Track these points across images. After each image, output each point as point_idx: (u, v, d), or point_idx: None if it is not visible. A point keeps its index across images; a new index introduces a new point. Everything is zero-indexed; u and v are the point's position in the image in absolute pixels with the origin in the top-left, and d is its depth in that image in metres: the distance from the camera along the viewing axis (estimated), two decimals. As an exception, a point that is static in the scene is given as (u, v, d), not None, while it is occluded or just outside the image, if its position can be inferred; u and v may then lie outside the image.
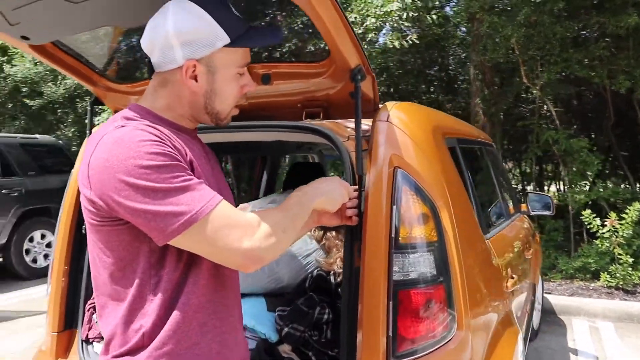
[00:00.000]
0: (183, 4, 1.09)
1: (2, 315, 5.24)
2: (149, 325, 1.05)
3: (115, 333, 1.09)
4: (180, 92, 1.14)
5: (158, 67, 1.14)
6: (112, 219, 1.03)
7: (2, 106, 11.49)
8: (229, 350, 1.16)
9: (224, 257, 1.03)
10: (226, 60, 1.14)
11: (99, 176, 1.00)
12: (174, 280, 1.06)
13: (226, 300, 1.17)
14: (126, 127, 1.04)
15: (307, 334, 1.67)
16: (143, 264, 1.05)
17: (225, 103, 1.19)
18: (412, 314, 1.44)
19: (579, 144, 6.26)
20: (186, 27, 1.07)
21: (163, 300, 1.05)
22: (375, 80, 1.62)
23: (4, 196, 6.53)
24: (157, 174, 0.97)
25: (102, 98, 2.04)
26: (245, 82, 1.22)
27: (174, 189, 0.98)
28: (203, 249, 1.03)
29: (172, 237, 0.99)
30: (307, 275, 1.88)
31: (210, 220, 0.99)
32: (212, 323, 1.12)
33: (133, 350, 1.07)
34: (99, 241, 1.08)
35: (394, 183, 1.48)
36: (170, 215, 0.97)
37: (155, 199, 0.97)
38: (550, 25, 5.82)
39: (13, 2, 1.30)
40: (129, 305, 1.07)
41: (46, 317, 2.12)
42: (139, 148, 0.98)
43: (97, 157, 1.01)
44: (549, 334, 4.55)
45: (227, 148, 3.12)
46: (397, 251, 1.44)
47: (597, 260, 5.79)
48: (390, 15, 5.68)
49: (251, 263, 1.03)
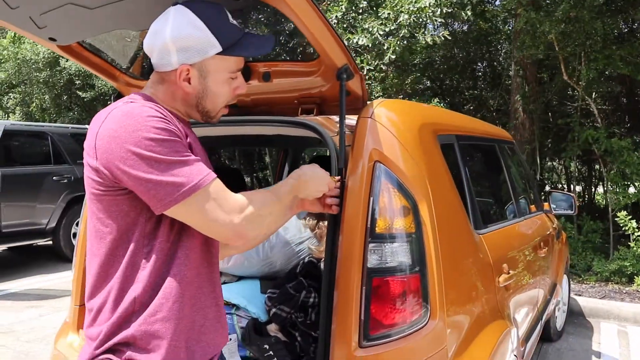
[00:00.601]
0: (182, 12, 1.19)
1: (49, 294, 5.64)
2: (139, 291, 1.14)
3: (106, 301, 1.17)
4: (174, 90, 1.26)
5: (156, 67, 1.26)
6: (114, 189, 1.13)
7: (58, 98, 12.19)
8: (211, 324, 1.26)
9: (214, 229, 1.14)
10: (218, 66, 1.24)
11: (106, 146, 1.09)
12: (165, 250, 1.16)
13: (211, 275, 1.27)
14: (135, 103, 1.16)
15: (293, 315, 1.79)
16: (137, 234, 1.15)
17: (215, 103, 1.30)
18: (386, 300, 1.52)
19: (620, 144, 6.06)
20: (182, 35, 1.17)
21: (154, 269, 1.15)
22: (363, 79, 1.70)
23: (55, 183, 6.97)
24: (162, 147, 1.08)
25: (125, 93, 2.21)
26: (237, 84, 1.32)
27: (176, 161, 1.09)
28: (196, 220, 1.13)
29: (170, 206, 1.09)
30: (299, 261, 1.99)
31: (206, 194, 1.11)
32: (199, 297, 1.22)
33: (124, 317, 1.15)
34: (99, 211, 1.17)
35: (373, 176, 1.57)
36: (171, 185, 1.08)
37: (158, 169, 1.08)
38: (590, 21, 5.65)
39: (39, 8, 1.48)
40: (122, 273, 1.15)
41: (71, 293, 2.32)
42: (147, 122, 1.09)
43: (106, 127, 1.11)
44: (574, 335, 4.48)
45: (248, 140, 3.27)
46: (373, 240, 1.53)
47: (635, 263, 5.62)
48: (424, 11, 5.68)
49: (237, 237, 1.14)
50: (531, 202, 3.55)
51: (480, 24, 9.05)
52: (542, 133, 8.74)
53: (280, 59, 1.92)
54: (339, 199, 1.55)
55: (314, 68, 1.74)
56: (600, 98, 8.63)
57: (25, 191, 6.66)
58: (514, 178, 3.11)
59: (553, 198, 3.88)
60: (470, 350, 1.71)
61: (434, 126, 1.91)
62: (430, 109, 2.07)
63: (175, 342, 1.16)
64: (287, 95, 1.89)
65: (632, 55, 6.12)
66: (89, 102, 11.70)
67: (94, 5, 1.49)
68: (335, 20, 6.04)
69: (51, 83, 11.73)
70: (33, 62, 11.34)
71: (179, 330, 1.17)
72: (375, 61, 6.04)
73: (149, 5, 1.45)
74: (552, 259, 3.60)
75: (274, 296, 1.83)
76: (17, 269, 6.88)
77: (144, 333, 1.14)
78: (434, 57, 9.96)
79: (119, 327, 1.15)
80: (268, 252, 1.99)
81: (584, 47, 6.14)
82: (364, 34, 5.73)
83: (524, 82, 7.79)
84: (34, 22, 1.58)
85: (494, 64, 10.63)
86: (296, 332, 1.79)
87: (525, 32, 6.45)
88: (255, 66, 1.89)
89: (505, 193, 2.88)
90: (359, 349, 1.49)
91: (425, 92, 10.30)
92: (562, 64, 6.47)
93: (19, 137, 6.93)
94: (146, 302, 1.15)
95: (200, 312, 1.23)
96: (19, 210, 6.56)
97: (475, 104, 10.88)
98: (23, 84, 12.29)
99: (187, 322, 1.19)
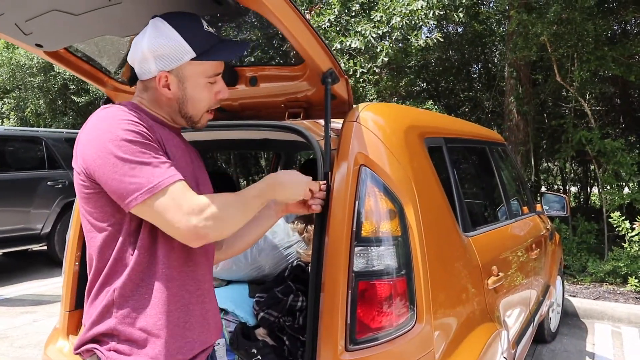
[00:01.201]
0: (158, 25, 1.27)
1: (44, 299, 5.62)
2: (119, 283, 1.20)
3: (97, 295, 1.24)
4: (158, 97, 1.33)
5: (139, 76, 1.34)
6: (97, 190, 1.19)
7: (52, 103, 12.17)
8: (196, 320, 1.29)
9: (172, 230, 1.16)
10: (194, 71, 1.31)
11: (84, 149, 1.17)
12: (147, 248, 1.21)
13: (194, 274, 1.31)
14: (110, 107, 1.23)
15: (281, 319, 1.79)
16: (124, 232, 1.21)
17: (197, 108, 1.36)
18: (373, 304, 1.52)
19: (613, 145, 6.08)
20: (157, 44, 1.26)
21: (136, 264, 1.20)
22: (348, 83, 1.71)
23: (50, 188, 6.96)
24: (128, 147, 1.14)
25: (113, 98, 2.22)
26: (218, 89, 1.38)
27: (141, 162, 1.14)
28: (157, 221, 1.17)
29: (132, 205, 1.14)
30: (287, 265, 1.99)
31: (165, 195, 1.14)
32: (182, 295, 1.26)
33: (105, 306, 1.21)
34: (88, 213, 1.24)
35: (359, 180, 1.57)
36: (133, 185, 1.13)
37: (123, 169, 1.13)
38: (581, 22, 5.68)
39: (24, 15, 1.48)
40: (109, 268, 1.22)
41: (61, 298, 2.32)
42: (118, 124, 1.16)
43: (84, 132, 1.20)
44: (568, 336, 4.49)
45: (239, 144, 3.27)
46: (359, 244, 1.53)
47: (629, 264, 5.63)
48: (416, 14, 5.70)
49: (195, 238, 1.16)
50: (523, 203, 3.56)
51: (475, 25, 9.08)
52: (537, 134, 8.76)
53: (267, 64, 1.93)
54: (324, 202, 1.56)
55: (300, 72, 1.75)
56: (594, 99, 8.67)
57: (19, 196, 6.64)
58: (505, 180, 3.12)
59: (545, 199, 3.89)
60: (458, 352, 1.71)
61: (420, 129, 1.92)
62: (417, 112, 2.08)
63: (157, 336, 1.21)
64: (274, 99, 1.90)
65: (623, 56, 6.15)
66: (84, 106, 11.68)
67: (79, 11, 1.50)
68: (327, 23, 6.05)
69: (45, 88, 11.71)
70: (27, 67, 11.33)
71: (160, 325, 1.21)
72: (369, 64, 6.05)
73: (133, 12, 1.47)
74: (545, 260, 3.61)
75: (262, 300, 1.83)
76: (12, 274, 6.86)
77: (127, 325, 1.20)
78: (428, 60, 9.98)
79: (102, 316, 1.22)
80: (256, 256, 1.99)
81: (576, 49, 6.17)
82: (356, 36, 5.75)
83: (517, 83, 7.81)
84: (19, 28, 1.59)
85: (489, 66, 10.66)
86: (284, 336, 1.79)
87: (518, 34, 6.48)
88: (243, 71, 1.90)
89: (496, 195, 2.88)
90: (345, 352, 1.49)
91: (420, 95, 10.32)
92: (555, 65, 6.50)
93: (14, 143, 6.92)
94: (126, 295, 1.21)
95: (184, 309, 1.27)
96: (13, 216, 6.54)
97: (471, 105, 10.91)
98: (17, 89, 12.26)
99: (170, 319, 1.23)
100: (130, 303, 1.21)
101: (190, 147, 1.45)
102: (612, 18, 6.27)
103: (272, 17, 1.36)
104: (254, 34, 1.85)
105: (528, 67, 7.87)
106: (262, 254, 1.98)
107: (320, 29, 5.98)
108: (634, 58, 6.36)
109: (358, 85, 6.58)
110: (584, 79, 6.31)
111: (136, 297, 1.21)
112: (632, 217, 5.87)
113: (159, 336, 1.21)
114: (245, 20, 1.97)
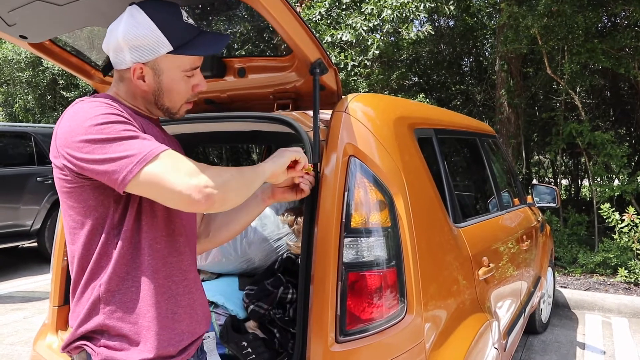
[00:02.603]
0: (135, 13, 1.23)
1: (34, 296, 5.58)
2: (105, 278, 1.18)
3: (83, 291, 1.22)
4: (133, 88, 1.30)
5: (114, 65, 1.30)
6: (79, 184, 1.16)
7: (41, 98, 12.05)
8: (184, 311, 1.29)
9: (173, 195, 1.09)
10: (171, 64, 1.26)
11: (63, 142, 1.13)
12: (131, 239, 1.19)
13: (181, 264, 1.29)
14: (85, 100, 1.20)
15: (272, 312, 1.78)
16: (108, 226, 1.19)
17: (173, 100, 1.32)
18: (363, 295, 1.52)
19: (603, 137, 6.12)
20: (133, 35, 1.21)
21: (121, 257, 1.18)
22: (337, 73, 1.70)
23: (39, 184, 6.89)
24: (110, 128, 1.11)
25: (100, 90, 2.19)
26: (196, 82, 1.34)
27: (126, 137, 1.11)
28: (155, 190, 1.10)
29: (128, 179, 1.08)
30: (277, 257, 1.98)
31: (161, 161, 1.09)
32: (169, 286, 1.25)
33: (93, 302, 1.19)
34: (70, 208, 1.21)
35: (348, 171, 1.56)
36: (125, 159, 1.08)
37: (111, 147, 1.09)
38: (571, 15, 5.69)
39: (7, 5, 1.45)
40: (95, 264, 1.19)
41: (50, 294, 2.30)
42: (94, 112, 1.13)
43: (61, 126, 1.16)
44: (559, 327, 4.52)
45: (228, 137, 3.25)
46: (349, 235, 1.52)
47: (619, 255, 5.68)
48: (407, 6, 5.68)
49: (202, 197, 1.08)
50: (514, 195, 3.56)
51: (466, 19, 9.09)
52: (528, 127, 8.80)
53: (255, 55, 1.91)
54: (314, 193, 1.55)
55: (288, 63, 1.73)
56: (584, 92, 8.70)
57: (8, 192, 6.57)
58: (496, 171, 3.12)
59: (536, 191, 3.90)
60: (448, 343, 1.71)
61: (410, 120, 1.91)
62: (407, 103, 2.06)
63: (147, 329, 1.20)
64: (263, 90, 1.88)
65: (613, 49, 6.17)
66: (73, 101, 11.58)
67: (63, 2, 1.47)
68: (318, 16, 6.02)
69: (34, 83, 11.59)
70: (15, 62, 11.20)
71: (149, 317, 1.20)
72: (360, 57, 6.03)
73: (118, 2, 1.44)
74: (536, 251, 3.63)
75: (252, 293, 1.82)
76: (2, 271, 6.80)
77: (116, 320, 1.19)
78: (420, 53, 9.98)
79: (89, 314, 1.20)
80: (246, 248, 1.97)
81: (566, 41, 6.19)
82: (347, 29, 5.72)
83: (508, 76, 7.83)
84: (2, 19, 1.56)
85: (480, 59, 10.68)
86: (274, 328, 1.78)
87: (509, 27, 6.49)
88: (231, 62, 1.88)
89: (486, 186, 2.88)
90: (335, 344, 1.49)
91: (412, 88, 10.33)
92: (546, 58, 6.51)
93: (2, 138, 6.84)
94: (112, 289, 1.19)
95: (171, 300, 1.26)
96: (2, 212, 6.47)
97: (462, 99, 10.94)
98: (5, 84, 12.14)
99: (158, 310, 1.22)
100: (117, 297, 1.19)
101: (170, 138, 1.43)
102: (602, 11, 6.28)
103: (259, 6, 1.34)
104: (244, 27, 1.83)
105: (519, 60, 7.89)
106: (252, 246, 1.97)
107: (311, 22, 5.96)
108: (623, 50, 6.39)
109: (349, 79, 6.56)
110: (574, 72, 6.34)
111: (122, 290, 1.20)
112: (622, 209, 5.92)
113: (148, 328, 1.20)
114: (235, 12, 1.94)
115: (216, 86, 1.92)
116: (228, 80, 1.89)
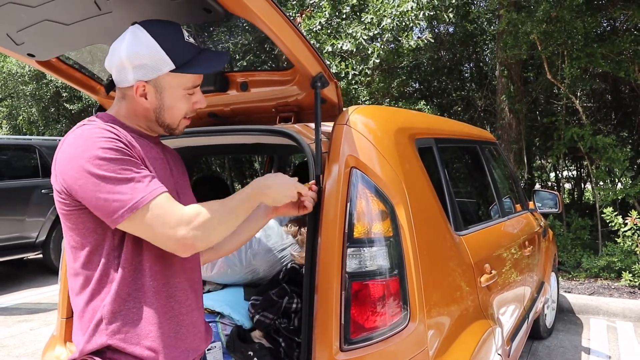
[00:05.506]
0: (137, 32, 1.26)
1: (40, 308, 5.60)
2: (108, 299, 1.20)
3: (84, 311, 1.23)
4: (135, 106, 1.32)
5: (117, 83, 1.33)
6: (77, 208, 1.19)
7: (45, 110, 12.15)
8: (187, 329, 1.31)
9: (161, 242, 1.18)
10: (173, 82, 1.30)
11: (62, 167, 1.17)
12: (131, 261, 1.22)
13: (181, 284, 1.32)
14: (86, 126, 1.23)
15: (277, 321, 1.81)
16: (107, 247, 1.21)
17: (174, 117, 1.36)
18: (366, 304, 1.54)
19: (604, 141, 6.13)
20: (137, 54, 1.24)
21: (122, 279, 1.21)
22: (338, 86, 1.73)
23: (44, 196, 6.94)
24: (108, 165, 1.14)
25: (106, 106, 2.23)
26: (196, 99, 1.38)
27: (121, 179, 1.15)
28: (145, 234, 1.18)
29: (118, 222, 1.15)
30: (282, 267, 2.01)
31: (150, 209, 1.15)
32: (171, 305, 1.27)
33: (96, 323, 1.21)
34: (70, 229, 1.24)
35: (350, 182, 1.59)
36: (117, 202, 1.13)
37: (105, 187, 1.13)
38: (570, 20, 5.73)
39: (16, 25, 1.50)
40: (95, 285, 1.21)
41: (58, 305, 2.32)
42: (96, 142, 1.16)
43: (62, 151, 1.19)
44: (563, 332, 4.52)
45: (232, 149, 3.29)
46: (352, 245, 1.55)
47: (622, 259, 5.68)
48: (406, 15, 5.73)
49: (184, 249, 1.18)
50: (515, 201, 3.58)
51: (466, 25, 9.13)
52: (530, 132, 8.81)
53: (257, 69, 1.95)
54: (317, 204, 1.58)
55: (289, 77, 1.77)
56: (585, 96, 8.73)
57: (14, 205, 6.62)
58: (497, 178, 3.14)
59: (538, 197, 3.92)
60: (451, 350, 1.73)
61: (410, 130, 1.94)
62: (407, 114, 2.10)
63: (152, 349, 1.22)
64: (265, 104, 1.92)
65: (613, 53, 6.20)
66: (77, 114, 11.66)
67: (70, 21, 1.52)
68: (319, 26, 6.07)
69: (38, 96, 11.68)
70: (19, 76, 11.29)
71: (152, 337, 1.22)
72: (361, 66, 6.08)
73: (124, 21, 1.48)
74: (539, 257, 3.64)
75: (257, 303, 1.85)
76: (8, 283, 6.84)
77: (119, 341, 1.20)
78: (420, 60, 10.02)
79: (92, 334, 1.21)
80: (251, 259, 2.00)
81: (565, 46, 6.22)
82: (347, 39, 5.77)
83: (509, 82, 7.86)
84: (11, 38, 1.60)
85: (480, 65, 10.72)
86: (280, 337, 1.81)
87: (508, 33, 6.52)
88: (234, 76, 1.92)
89: (488, 194, 2.91)
90: (340, 352, 1.51)
91: (413, 95, 10.36)
92: (546, 63, 6.55)
93: (6, 151, 6.91)
94: (115, 310, 1.21)
95: (174, 319, 1.28)
96: (8, 224, 6.52)
97: (463, 105, 10.96)
98: (9, 97, 12.23)
99: (162, 330, 1.24)
100: (120, 318, 1.21)
101: (169, 155, 1.46)
102: (601, 15, 6.32)
103: (260, 23, 1.38)
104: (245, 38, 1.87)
105: (519, 65, 7.92)
106: (256, 257, 2.00)
107: (312, 32, 6.01)
108: (623, 54, 6.41)
109: (350, 87, 6.61)
110: (574, 76, 6.37)
111: (124, 311, 1.21)
112: (625, 212, 5.92)
113: (153, 349, 1.22)
114: (236, 24, 1.98)
115: (219, 100, 1.96)
116: (231, 94, 1.93)
